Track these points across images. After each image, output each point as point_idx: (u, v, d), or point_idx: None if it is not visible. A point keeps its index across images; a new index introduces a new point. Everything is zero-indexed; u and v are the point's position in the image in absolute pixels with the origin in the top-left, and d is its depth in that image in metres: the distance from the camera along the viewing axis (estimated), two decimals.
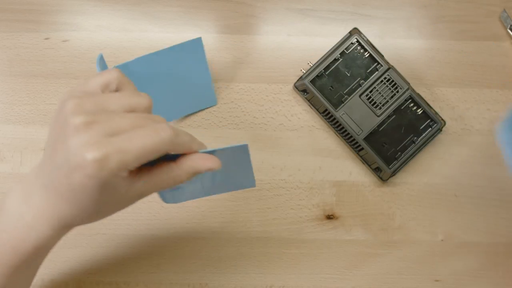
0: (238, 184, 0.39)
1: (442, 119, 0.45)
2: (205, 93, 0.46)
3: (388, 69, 0.44)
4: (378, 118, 0.44)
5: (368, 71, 0.44)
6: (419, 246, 0.46)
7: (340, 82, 0.44)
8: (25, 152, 0.47)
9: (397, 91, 0.44)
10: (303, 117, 0.47)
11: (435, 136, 0.45)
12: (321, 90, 0.44)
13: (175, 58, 0.41)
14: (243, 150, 0.36)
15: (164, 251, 0.46)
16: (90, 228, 0.46)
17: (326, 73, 0.44)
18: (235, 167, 0.40)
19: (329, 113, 0.44)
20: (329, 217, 0.46)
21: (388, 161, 0.45)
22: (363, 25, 0.48)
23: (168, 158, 0.30)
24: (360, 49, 0.44)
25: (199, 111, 0.47)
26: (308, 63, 0.46)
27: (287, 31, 0.48)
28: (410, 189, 0.46)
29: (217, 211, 0.46)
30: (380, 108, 0.44)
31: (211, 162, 0.32)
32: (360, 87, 0.44)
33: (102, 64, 0.37)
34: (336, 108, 0.44)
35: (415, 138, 0.45)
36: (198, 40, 0.40)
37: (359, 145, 0.44)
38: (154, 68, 0.41)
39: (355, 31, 0.45)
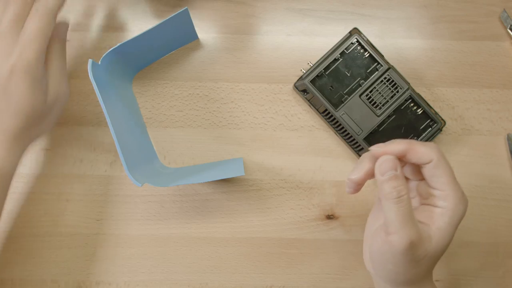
0: (228, 172, 0.41)
1: (442, 119, 0.45)
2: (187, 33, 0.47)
3: (388, 69, 0.44)
4: (378, 118, 0.44)
5: (368, 71, 0.44)
6: None
7: (340, 82, 0.44)
8: (25, 152, 0.47)
9: (397, 91, 0.44)
10: (303, 117, 0.47)
11: (435, 136, 0.45)
12: (321, 90, 0.44)
13: (165, 31, 0.43)
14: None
15: (164, 251, 0.46)
16: (90, 228, 0.46)
17: (326, 73, 0.44)
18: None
19: (329, 113, 0.44)
20: (329, 217, 0.46)
21: None
22: (363, 25, 0.48)
23: None
24: (360, 49, 0.44)
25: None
26: (308, 63, 0.46)
27: (287, 31, 0.48)
28: None
29: (217, 211, 0.46)
30: (380, 108, 0.44)
31: None
32: (360, 87, 0.44)
33: (95, 69, 0.38)
34: (336, 108, 0.44)
35: (415, 138, 0.45)
36: (185, 11, 0.41)
37: (359, 145, 0.44)
38: (147, 44, 0.43)
39: (355, 31, 0.45)
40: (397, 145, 0.32)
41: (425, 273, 0.33)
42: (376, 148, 0.33)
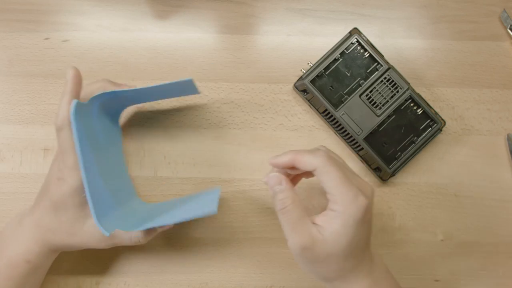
0: (199, 210, 0.38)
1: (442, 119, 0.45)
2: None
3: (388, 69, 0.44)
4: (378, 118, 0.44)
5: (368, 71, 0.44)
6: (419, 246, 0.46)
7: (340, 82, 0.44)
8: (25, 152, 0.47)
9: (397, 91, 0.44)
10: (303, 117, 0.47)
11: (435, 136, 0.45)
12: (321, 90, 0.44)
13: (166, 89, 0.42)
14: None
15: (164, 251, 0.46)
16: None
17: (326, 73, 0.44)
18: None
19: (329, 113, 0.44)
20: None
21: (388, 161, 0.45)
22: (363, 25, 0.48)
23: None
24: (360, 49, 0.44)
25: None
26: (308, 63, 0.46)
27: (287, 31, 0.48)
28: (410, 189, 0.46)
29: (217, 211, 0.46)
30: (380, 108, 0.44)
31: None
32: (360, 87, 0.44)
33: (79, 109, 0.36)
34: (336, 108, 0.44)
35: (415, 138, 0.45)
36: (190, 82, 0.40)
37: (359, 145, 0.44)
38: (144, 94, 0.43)
39: (355, 31, 0.45)
40: (284, 157, 0.35)
41: (342, 269, 0.34)
42: (270, 160, 0.36)
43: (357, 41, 0.44)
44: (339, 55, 0.44)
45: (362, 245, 0.34)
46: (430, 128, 0.44)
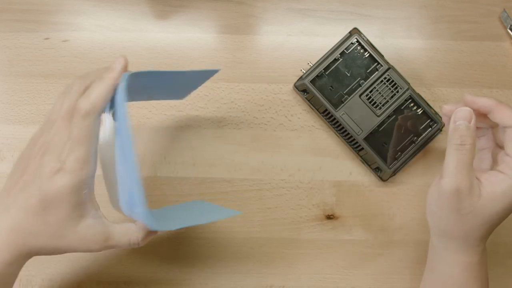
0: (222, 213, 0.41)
1: (442, 119, 0.45)
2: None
3: (388, 69, 0.44)
4: (378, 118, 0.44)
5: (368, 71, 0.44)
6: (419, 246, 0.46)
7: (340, 82, 0.44)
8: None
9: (397, 91, 0.44)
10: (303, 117, 0.47)
11: (435, 136, 0.45)
12: (321, 90, 0.44)
13: (188, 78, 0.41)
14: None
15: (164, 251, 0.46)
16: None
17: (326, 73, 0.44)
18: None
19: (329, 113, 0.44)
20: (329, 217, 0.46)
21: (388, 161, 0.45)
22: (363, 25, 0.48)
23: None
24: (360, 49, 0.44)
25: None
26: (308, 63, 0.46)
27: (287, 31, 0.48)
28: (410, 189, 0.46)
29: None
30: (380, 108, 0.44)
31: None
32: (360, 87, 0.44)
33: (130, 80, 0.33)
34: (336, 108, 0.44)
35: (415, 138, 0.45)
36: (214, 71, 0.40)
37: (359, 145, 0.44)
38: (163, 81, 0.40)
39: (355, 31, 0.45)
40: (485, 99, 0.34)
41: (470, 235, 0.33)
42: (467, 95, 0.34)
43: (357, 41, 0.44)
44: (339, 55, 0.44)
45: (499, 222, 0.33)
46: (430, 128, 0.44)
